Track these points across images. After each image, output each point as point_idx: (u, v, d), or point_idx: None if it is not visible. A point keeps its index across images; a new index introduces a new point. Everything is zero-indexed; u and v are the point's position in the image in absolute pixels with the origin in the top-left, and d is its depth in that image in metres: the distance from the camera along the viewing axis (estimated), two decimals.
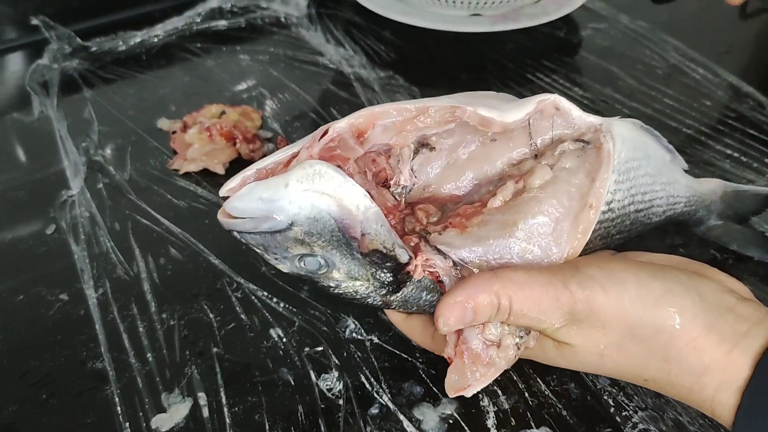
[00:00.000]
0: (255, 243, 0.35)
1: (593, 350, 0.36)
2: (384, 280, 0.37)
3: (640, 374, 0.36)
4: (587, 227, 0.37)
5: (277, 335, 0.48)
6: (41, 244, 0.56)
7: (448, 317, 0.35)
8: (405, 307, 0.39)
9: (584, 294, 0.34)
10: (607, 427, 0.42)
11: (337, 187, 0.33)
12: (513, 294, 0.34)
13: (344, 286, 0.37)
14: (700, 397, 0.35)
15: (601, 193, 0.37)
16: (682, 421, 0.41)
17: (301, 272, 0.36)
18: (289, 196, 0.33)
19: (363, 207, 0.34)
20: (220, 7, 0.87)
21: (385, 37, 0.83)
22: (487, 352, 0.37)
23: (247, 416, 0.43)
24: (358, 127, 0.36)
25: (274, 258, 0.36)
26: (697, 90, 0.72)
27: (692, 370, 0.34)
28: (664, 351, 0.35)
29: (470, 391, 0.37)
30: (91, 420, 0.43)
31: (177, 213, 0.58)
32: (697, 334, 0.34)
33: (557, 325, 0.35)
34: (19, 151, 0.67)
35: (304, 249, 0.35)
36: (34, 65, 0.77)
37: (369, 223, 0.34)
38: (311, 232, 0.34)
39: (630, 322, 0.35)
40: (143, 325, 0.49)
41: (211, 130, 0.63)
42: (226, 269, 0.53)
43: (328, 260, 0.35)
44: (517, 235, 0.37)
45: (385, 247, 0.35)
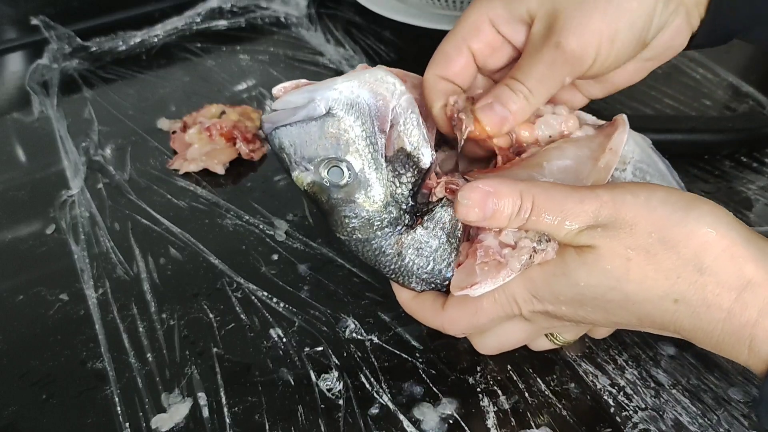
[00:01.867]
0: (288, 142, 0.36)
1: (619, 251, 0.32)
2: (402, 201, 0.37)
3: (669, 292, 0.32)
4: (608, 164, 0.37)
5: (277, 335, 0.48)
6: (41, 244, 0.56)
7: (469, 193, 0.33)
8: (417, 266, 0.38)
9: (611, 196, 0.32)
10: (607, 427, 0.42)
11: (377, 78, 0.37)
12: (537, 195, 0.33)
13: (360, 214, 0.37)
14: (739, 320, 0.30)
15: (621, 141, 0.37)
16: (682, 421, 0.41)
17: (324, 184, 0.37)
18: (334, 84, 0.36)
19: (398, 93, 0.37)
20: (220, 7, 0.87)
21: (385, 37, 0.82)
22: (501, 251, 0.35)
23: (247, 416, 0.43)
24: (396, 74, 0.39)
25: (300, 167, 0.37)
26: (697, 90, 0.72)
27: (731, 283, 0.30)
28: (697, 258, 0.31)
29: (477, 290, 0.35)
30: (91, 420, 0.43)
31: (177, 213, 0.58)
32: (733, 241, 0.31)
33: (580, 227, 0.33)
34: (19, 151, 0.67)
35: (332, 149, 0.36)
36: (34, 65, 0.77)
37: (401, 110, 0.36)
38: (345, 121, 0.36)
39: (659, 223, 0.31)
40: (143, 325, 0.49)
41: (211, 130, 0.63)
42: (226, 269, 0.53)
43: (352, 169, 0.36)
44: (541, 173, 0.37)
45: (411, 144, 0.37)
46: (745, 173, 0.61)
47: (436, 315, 0.39)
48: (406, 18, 0.79)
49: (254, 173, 0.63)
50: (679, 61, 0.76)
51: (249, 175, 0.63)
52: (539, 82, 0.37)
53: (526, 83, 0.37)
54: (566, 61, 0.36)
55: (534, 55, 0.37)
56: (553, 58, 0.36)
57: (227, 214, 0.58)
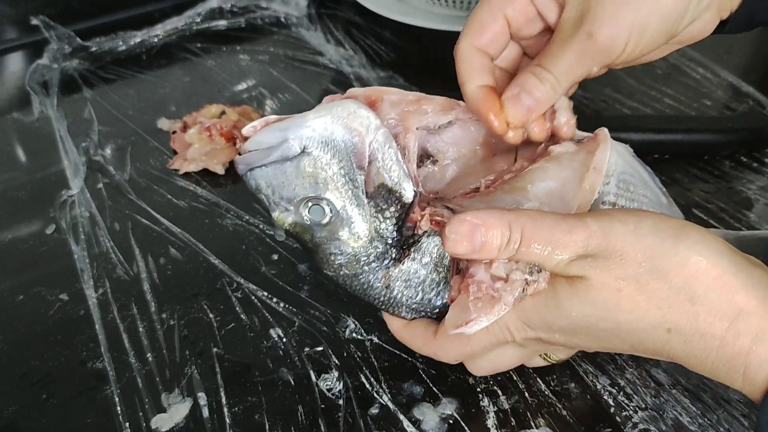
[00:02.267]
0: (264, 183, 0.36)
1: (610, 283, 0.32)
2: (387, 236, 0.37)
3: (661, 321, 0.32)
4: (593, 185, 0.37)
5: (277, 335, 0.48)
6: (41, 244, 0.56)
7: (457, 227, 0.33)
8: (406, 297, 0.39)
9: (599, 225, 0.32)
10: (607, 427, 0.42)
11: (351, 113, 0.35)
12: (525, 225, 0.32)
13: (346, 251, 0.37)
14: (732, 348, 0.30)
15: (603, 158, 0.37)
16: (682, 421, 0.41)
17: (306, 224, 0.36)
18: (306, 122, 0.35)
19: (373, 127, 0.36)
20: (220, 7, 0.87)
21: (385, 37, 0.82)
22: (494, 285, 0.35)
23: (247, 416, 0.43)
24: (369, 96, 0.39)
25: (279, 207, 0.36)
26: (697, 90, 0.72)
27: (724, 313, 0.30)
28: (688, 288, 0.31)
29: (472, 327, 0.34)
30: (91, 420, 0.43)
31: (177, 213, 0.58)
32: (723, 270, 0.31)
33: (570, 257, 0.32)
34: (19, 151, 0.67)
35: (311, 189, 0.35)
36: (34, 65, 0.77)
37: (378, 145, 0.36)
38: (321, 159, 0.35)
39: (649, 252, 0.31)
40: (143, 325, 0.49)
41: (211, 130, 0.63)
42: (226, 269, 0.53)
43: (333, 207, 0.36)
44: (526, 196, 0.37)
45: (391, 179, 0.36)
46: (745, 173, 0.61)
47: (427, 343, 0.40)
48: (406, 18, 0.79)
49: None
50: (679, 61, 0.76)
51: None
52: (567, 71, 0.37)
53: (554, 71, 0.36)
54: (596, 52, 0.36)
55: (564, 43, 0.36)
56: (583, 48, 0.36)
57: (227, 214, 0.58)
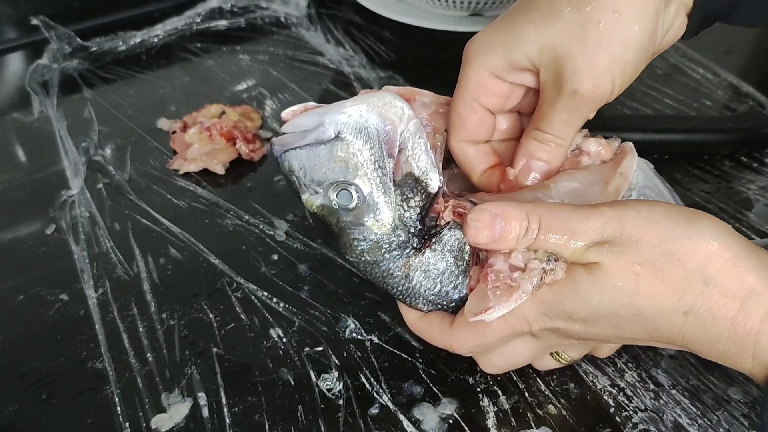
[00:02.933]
0: (297, 165, 0.37)
1: (627, 268, 0.33)
2: (410, 225, 0.37)
3: (678, 305, 0.33)
4: (618, 189, 0.37)
5: (277, 335, 0.48)
6: (41, 244, 0.56)
7: (479, 217, 0.34)
8: (425, 288, 0.39)
9: (614, 212, 0.33)
10: (607, 427, 0.42)
11: (386, 102, 0.37)
12: (542, 214, 0.34)
13: (369, 237, 0.37)
14: (742, 329, 0.32)
15: (630, 166, 0.38)
16: (681, 422, 0.41)
17: (333, 207, 0.37)
18: (343, 108, 0.36)
19: (406, 117, 0.37)
20: (220, 7, 0.87)
21: (385, 37, 0.83)
22: (512, 275, 0.35)
23: (247, 416, 0.43)
24: (403, 95, 0.39)
25: (309, 189, 0.37)
26: (697, 90, 0.72)
27: (735, 293, 0.32)
28: (702, 270, 0.32)
29: (491, 314, 0.35)
30: (91, 420, 0.43)
31: (177, 213, 0.58)
32: (735, 253, 0.32)
33: (586, 244, 0.34)
34: (19, 151, 0.67)
35: (341, 173, 0.36)
36: (34, 65, 0.77)
37: (409, 134, 0.37)
38: (354, 145, 0.36)
39: (663, 236, 0.32)
40: (143, 325, 0.49)
41: (211, 130, 0.63)
42: (226, 269, 0.53)
43: (360, 193, 0.37)
44: (548, 193, 0.37)
45: (419, 168, 0.37)
46: (745, 173, 0.61)
47: (443, 334, 0.40)
48: (406, 18, 0.79)
49: (254, 173, 0.63)
50: (679, 61, 0.76)
51: (249, 175, 0.63)
52: (564, 127, 0.38)
53: (552, 132, 0.38)
54: (586, 102, 0.37)
55: (553, 104, 0.37)
56: (573, 104, 0.37)
57: (227, 214, 0.58)
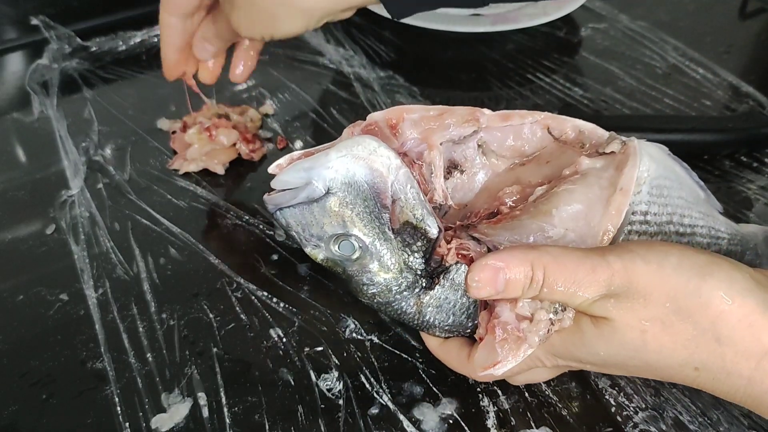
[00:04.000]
0: (294, 222, 0.37)
1: (634, 324, 0.32)
2: (416, 268, 0.37)
3: (689, 360, 0.32)
4: (619, 207, 0.37)
5: (277, 335, 0.48)
6: (41, 244, 0.56)
7: (478, 274, 0.33)
8: (439, 321, 0.39)
9: (622, 264, 0.32)
10: (607, 427, 0.42)
11: (371, 152, 0.36)
12: (547, 265, 0.33)
13: (377, 282, 0.38)
14: (760, 387, 0.31)
15: (631, 177, 0.37)
16: (682, 420, 0.41)
17: (337, 259, 0.37)
18: (328, 163, 0.36)
19: (394, 167, 0.36)
20: None
21: (385, 37, 0.82)
22: (519, 326, 0.35)
23: (247, 416, 0.43)
24: (390, 119, 0.39)
25: (311, 243, 0.38)
26: (697, 90, 0.72)
27: (750, 352, 0.31)
28: (714, 328, 0.31)
29: (500, 369, 0.35)
30: (91, 420, 0.43)
31: (177, 213, 0.58)
32: (750, 310, 0.31)
33: (593, 297, 0.33)
34: (19, 151, 0.67)
35: (339, 227, 0.36)
36: (34, 65, 0.77)
37: (399, 185, 0.36)
38: (346, 200, 0.36)
39: (673, 293, 0.31)
40: (143, 325, 0.49)
41: (211, 130, 0.63)
42: (226, 269, 0.53)
43: (362, 243, 0.37)
44: (551, 222, 0.37)
45: (416, 218, 0.37)
46: (745, 173, 0.61)
47: (462, 364, 0.40)
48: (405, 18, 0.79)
49: (254, 173, 0.63)
50: (679, 61, 0.77)
51: (249, 175, 0.63)
52: None
53: None
54: None
55: None
56: None
57: (227, 214, 0.58)
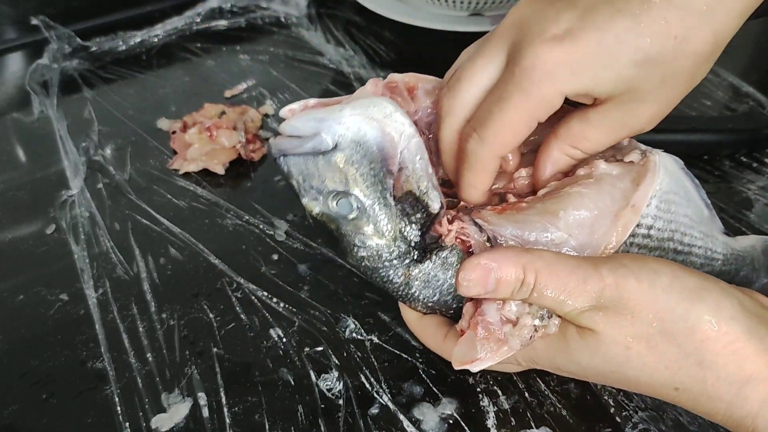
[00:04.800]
0: (296, 170, 0.36)
1: (619, 340, 0.33)
2: (411, 238, 0.37)
3: (669, 381, 0.33)
4: (627, 225, 0.36)
5: (277, 335, 0.48)
6: (41, 244, 0.56)
7: (470, 274, 0.33)
8: (424, 296, 0.39)
9: (614, 279, 0.32)
10: (607, 427, 0.42)
11: (386, 115, 0.35)
12: (540, 269, 0.33)
13: (369, 246, 0.37)
14: (740, 411, 0.31)
15: (645, 195, 0.37)
16: (682, 421, 0.41)
17: (332, 215, 0.37)
18: (341, 118, 0.35)
19: (406, 135, 0.35)
20: (220, 7, 0.87)
21: (385, 37, 0.83)
22: (502, 329, 0.35)
23: (247, 416, 0.43)
24: (408, 82, 0.39)
25: (309, 195, 0.37)
26: (697, 90, 0.72)
27: (732, 378, 0.31)
28: (698, 353, 0.32)
29: (477, 366, 0.35)
30: (91, 420, 0.43)
31: (177, 213, 0.58)
32: (735, 337, 0.31)
33: (581, 307, 0.33)
34: (19, 151, 0.67)
35: (340, 184, 0.36)
36: (34, 65, 0.77)
37: (409, 154, 0.36)
38: (352, 158, 0.35)
39: (661, 314, 0.32)
40: (143, 325, 0.49)
41: (211, 130, 0.63)
42: (226, 269, 0.53)
43: (360, 204, 0.36)
44: (556, 223, 0.36)
45: (419, 189, 0.36)
46: (745, 173, 0.61)
47: (437, 343, 0.40)
48: (406, 18, 0.79)
49: (254, 173, 0.63)
50: None
51: (249, 175, 0.63)
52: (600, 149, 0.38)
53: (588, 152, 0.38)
54: (630, 133, 0.37)
55: (608, 134, 0.36)
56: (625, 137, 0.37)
57: (227, 214, 0.58)
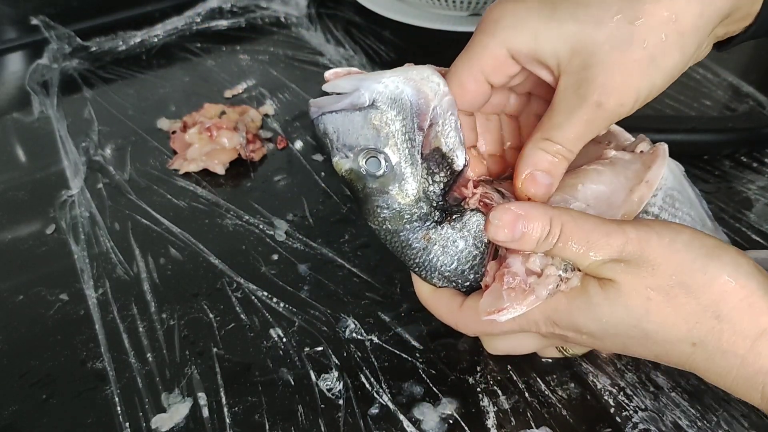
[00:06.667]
0: (332, 128, 0.38)
1: (640, 291, 0.33)
2: (434, 198, 0.38)
3: (687, 335, 0.33)
4: (642, 198, 0.37)
5: (277, 335, 0.48)
6: (41, 244, 0.56)
7: (501, 214, 0.34)
8: (441, 263, 0.39)
9: (637, 234, 0.33)
10: (607, 427, 0.42)
11: (424, 77, 0.37)
12: (566, 222, 0.33)
13: (392, 206, 0.38)
14: (752, 368, 0.32)
15: (658, 174, 0.38)
16: (681, 424, 0.41)
17: (361, 172, 0.38)
18: (381, 78, 0.37)
19: (441, 93, 0.37)
20: (220, 7, 0.87)
21: (385, 37, 0.83)
22: (527, 279, 0.35)
23: (247, 416, 0.43)
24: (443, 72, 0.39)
25: (341, 153, 0.38)
26: (697, 90, 0.72)
27: (747, 332, 0.32)
28: (715, 306, 0.32)
29: (504, 315, 0.35)
30: (91, 420, 0.43)
31: (177, 213, 0.58)
32: (751, 291, 0.32)
33: (603, 259, 0.33)
34: (19, 151, 0.67)
35: (372, 140, 0.37)
36: (34, 65, 0.77)
37: (441, 110, 0.37)
38: (387, 115, 0.37)
39: (680, 268, 0.33)
40: (143, 325, 0.49)
41: (211, 130, 0.63)
42: (226, 269, 0.53)
43: (389, 162, 0.37)
44: (575, 195, 0.37)
45: (447, 144, 0.38)
46: (745, 173, 0.61)
47: (451, 313, 0.40)
48: (406, 18, 0.79)
49: (254, 173, 0.63)
50: None
51: (249, 175, 0.63)
52: (577, 140, 0.36)
53: (564, 143, 0.36)
54: (605, 118, 0.36)
55: (570, 114, 0.35)
56: (593, 117, 0.35)
57: (227, 214, 0.58)
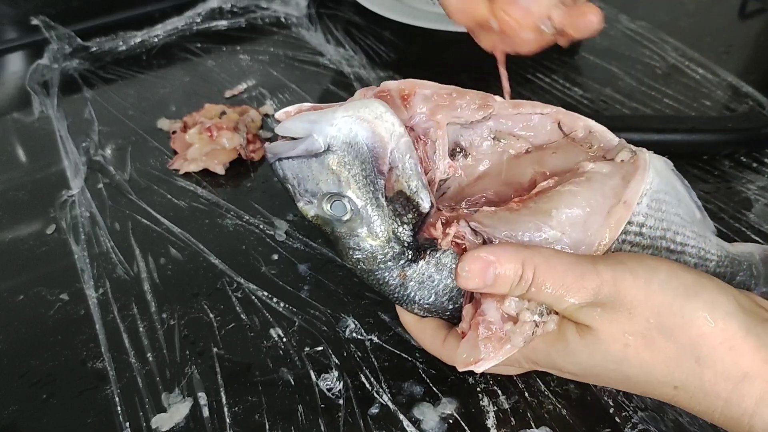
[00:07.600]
0: (290, 174, 0.37)
1: (618, 337, 0.33)
2: (404, 239, 0.37)
3: (668, 378, 0.33)
4: (619, 221, 0.37)
5: (277, 335, 0.48)
6: (41, 244, 0.56)
7: (469, 264, 0.33)
8: (420, 297, 0.39)
9: (612, 275, 0.32)
10: (607, 427, 0.42)
11: (377, 116, 0.36)
12: (538, 265, 0.33)
13: (364, 247, 0.38)
14: (737, 409, 0.31)
15: (636, 191, 0.37)
16: (681, 421, 0.41)
17: (327, 218, 0.38)
18: (333, 120, 0.36)
19: (396, 134, 0.36)
20: (220, 7, 0.87)
21: (385, 37, 0.83)
22: (503, 327, 0.35)
23: (247, 416, 0.43)
24: (403, 90, 0.39)
25: (304, 198, 0.38)
26: (697, 90, 0.72)
27: (729, 375, 0.31)
28: (695, 348, 0.31)
29: (481, 366, 0.35)
30: (91, 420, 0.43)
31: (177, 213, 0.58)
32: (732, 333, 0.31)
33: (579, 303, 0.33)
34: (19, 151, 0.67)
35: (334, 186, 0.36)
36: (34, 65, 0.77)
37: (399, 153, 0.36)
38: (344, 159, 0.36)
39: (658, 310, 0.32)
40: (143, 325, 0.49)
41: (211, 131, 0.63)
42: (226, 269, 0.53)
43: (354, 205, 0.37)
44: (549, 222, 0.36)
45: (410, 188, 0.37)
46: (745, 173, 0.61)
47: (435, 346, 0.40)
48: (406, 18, 0.79)
49: (254, 173, 0.63)
50: (679, 61, 0.76)
51: (249, 175, 0.63)
52: None
53: None
54: None
55: None
56: None
57: (227, 214, 0.58)
